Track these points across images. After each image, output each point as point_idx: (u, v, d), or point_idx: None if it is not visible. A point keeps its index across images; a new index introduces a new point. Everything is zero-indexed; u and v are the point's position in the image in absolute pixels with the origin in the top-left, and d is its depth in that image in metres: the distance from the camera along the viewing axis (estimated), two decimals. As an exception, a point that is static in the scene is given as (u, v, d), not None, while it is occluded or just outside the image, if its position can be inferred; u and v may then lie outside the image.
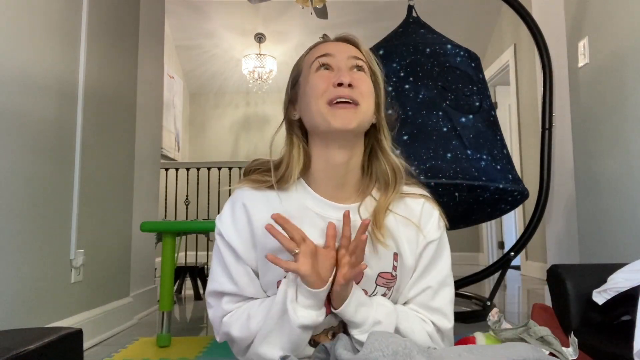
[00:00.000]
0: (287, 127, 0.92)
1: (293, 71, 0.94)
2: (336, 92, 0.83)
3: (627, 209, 1.98)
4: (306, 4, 3.79)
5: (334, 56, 0.87)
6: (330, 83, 0.84)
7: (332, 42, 0.92)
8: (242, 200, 0.88)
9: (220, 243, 0.89)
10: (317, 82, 0.86)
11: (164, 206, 4.48)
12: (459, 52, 2.33)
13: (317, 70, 0.87)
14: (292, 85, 0.93)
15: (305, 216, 0.86)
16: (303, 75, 0.90)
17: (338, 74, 0.85)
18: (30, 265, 1.61)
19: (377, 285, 0.87)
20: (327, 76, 0.85)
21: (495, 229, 5.07)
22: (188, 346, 1.93)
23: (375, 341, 0.71)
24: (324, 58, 0.88)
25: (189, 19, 5.08)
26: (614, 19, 2.06)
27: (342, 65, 0.87)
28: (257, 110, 6.25)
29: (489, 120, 2.29)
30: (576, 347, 0.89)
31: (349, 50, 0.89)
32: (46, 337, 0.84)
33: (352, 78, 0.84)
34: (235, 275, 0.87)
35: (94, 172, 2.02)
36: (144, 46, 2.66)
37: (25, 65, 1.60)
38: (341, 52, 0.88)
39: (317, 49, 0.91)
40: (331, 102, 0.83)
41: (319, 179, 0.88)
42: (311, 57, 0.90)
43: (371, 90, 0.88)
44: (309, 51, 0.93)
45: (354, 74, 0.86)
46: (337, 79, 0.83)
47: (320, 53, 0.89)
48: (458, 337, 0.99)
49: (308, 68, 0.89)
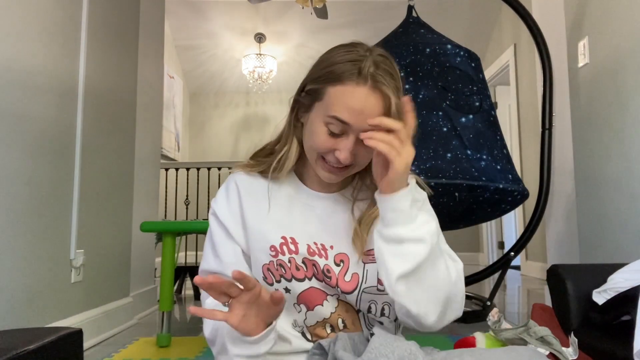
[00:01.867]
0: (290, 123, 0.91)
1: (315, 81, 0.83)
2: (332, 160, 0.82)
3: (627, 209, 1.98)
4: (306, 4, 3.79)
5: (350, 127, 0.79)
6: (332, 149, 0.81)
7: (366, 92, 0.78)
8: (235, 182, 0.92)
9: (212, 222, 0.91)
10: (321, 141, 0.81)
11: (164, 206, 4.48)
12: (459, 52, 2.33)
13: (327, 126, 0.81)
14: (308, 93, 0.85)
15: (293, 204, 0.90)
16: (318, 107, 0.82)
17: (342, 147, 0.80)
18: (30, 265, 1.61)
19: (364, 263, 0.87)
20: (332, 142, 0.81)
21: (495, 229, 5.07)
22: (188, 346, 1.93)
23: (380, 345, 0.70)
24: (338, 124, 0.79)
25: (189, 19, 5.08)
26: (614, 19, 2.06)
27: (351, 137, 0.79)
28: (257, 110, 6.25)
29: (489, 120, 2.29)
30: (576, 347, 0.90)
31: (371, 116, 0.78)
32: (46, 337, 0.84)
33: (353, 154, 0.81)
34: (221, 253, 0.88)
35: (94, 172, 2.02)
36: (144, 46, 2.66)
37: (26, 66, 1.60)
38: (361, 122, 0.78)
39: (343, 99, 0.78)
40: (325, 159, 0.83)
41: (309, 172, 0.92)
42: (333, 104, 0.79)
43: (370, 155, 0.83)
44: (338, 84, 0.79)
45: (359, 148, 0.80)
46: (338, 154, 0.80)
47: (339, 116, 0.78)
48: (458, 337, 1.00)
49: (324, 112, 0.80)
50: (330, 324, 0.88)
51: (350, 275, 0.86)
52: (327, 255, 0.87)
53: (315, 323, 0.88)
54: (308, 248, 0.86)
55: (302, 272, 0.86)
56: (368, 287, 0.87)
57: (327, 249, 0.87)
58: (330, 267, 0.86)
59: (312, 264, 0.86)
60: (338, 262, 0.87)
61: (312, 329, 0.88)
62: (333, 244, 0.88)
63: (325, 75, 0.81)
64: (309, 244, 0.87)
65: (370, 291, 0.87)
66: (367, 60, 0.79)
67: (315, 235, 0.88)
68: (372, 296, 0.87)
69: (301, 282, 0.86)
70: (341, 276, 0.86)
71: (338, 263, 0.87)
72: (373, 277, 0.86)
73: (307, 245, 0.87)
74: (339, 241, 0.88)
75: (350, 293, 0.86)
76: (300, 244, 0.87)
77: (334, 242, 0.88)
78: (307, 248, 0.86)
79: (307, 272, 0.86)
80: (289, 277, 0.86)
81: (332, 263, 0.87)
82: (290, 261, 0.86)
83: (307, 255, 0.86)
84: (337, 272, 0.86)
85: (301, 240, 0.87)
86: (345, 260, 0.87)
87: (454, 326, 2.15)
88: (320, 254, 0.87)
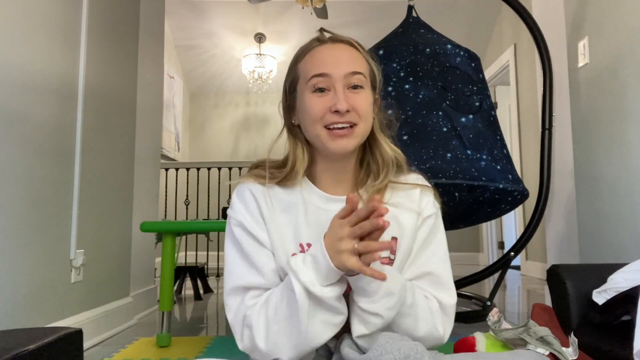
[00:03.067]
0: (288, 130, 0.92)
1: (289, 75, 0.91)
2: (333, 118, 0.82)
3: (627, 209, 1.98)
4: (306, 4, 3.79)
5: (331, 76, 0.83)
6: (327, 108, 0.83)
7: (328, 46, 0.87)
8: (249, 190, 0.89)
9: (237, 233, 0.86)
10: (314, 106, 0.84)
11: (164, 206, 4.48)
12: (459, 52, 2.33)
13: (313, 92, 0.84)
14: (289, 91, 0.90)
15: (307, 209, 0.88)
16: (300, 85, 0.87)
17: (335, 98, 0.82)
18: (31, 265, 1.61)
19: None
20: (324, 100, 0.83)
21: (495, 229, 5.07)
22: (188, 346, 1.93)
23: (386, 343, 0.70)
24: (319, 80, 0.83)
25: (189, 19, 5.08)
26: (614, 19, 2.06)
27: (338, 86, 0.83)
28: (257, 110, 6.25)
29: (489, 120, 2.29)
30: (576, 347, 0.89)
31: (346, 63, 0.84)
32: (46, 337, 0.84)
33: (349, 102, 0.82)
34: (259, 263, 0.83)
35: (94, 172, 2.02)
36: (144, 46, 2.66)
37: (26, 66, 1.60)
38: (338, 69, 0.83)
39: (313, 61, 0.86)
40: (328, 126, 0.83)
41: (321, 176, 0.91)
42: (307, 70, 0.86)
43: (369, 105, 0.86)
44: (304, 56, 0.88)
45: (352, 95, 0.83)
46: (334, 106, 0.82)
47: (316, 71, 0.84)
48: (458, 337, 1.00)
49: (304, 82, 0.86)
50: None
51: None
52: None
53: None
54: None
55: None
56: None
57: None
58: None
59: None
60: None
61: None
62: None
63: (293, 62, 0.90)
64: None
65: None
66: (322, 34, 0.89)
67: None
68: None
69: None
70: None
71: None
72: None
73: None
74: None
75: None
76: None
77: None
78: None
79: None
80: None
81: None
82: None
83: None
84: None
85: None
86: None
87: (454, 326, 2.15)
88: None
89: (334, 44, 0.87)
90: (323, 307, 0.76)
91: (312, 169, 0.92)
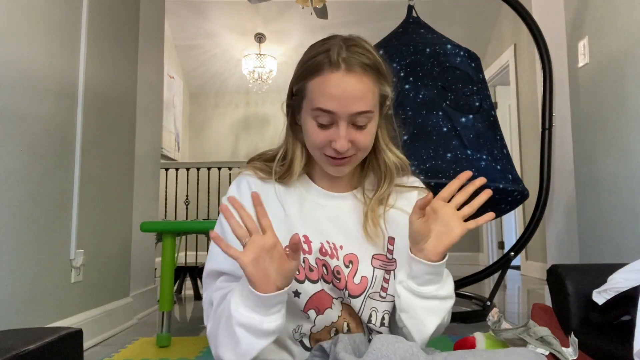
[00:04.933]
0: (290, 127, 0.92)
1: (296, 80, 0.85)
2: (332, 152, 0.82)
3: (627, 209, 1.98)
4: (306, 4, 3.79)
5: (335, 114, 0.79)
6: (327, 141, 0.82)
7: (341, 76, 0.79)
8: (247, 181, 0.90)
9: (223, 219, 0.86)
10: (314, 135, 0.82)
11: (164, 206, 4.48)
12: (459, 52, 2.33)
13: (316, 119, 0.82)
14: (295, 93, 0.87)
15: (304, 203, 0.89)
16: (305, 103, 0.84)
17: (336, 135, 0.80)
18: (30, 265, 1.61)
19: (373, 267, 0.87)
20: (325, 134, 0.81)
21: (495, 229, 5.07)
22: (188, 346, 1.93)
23: (381, 346, 0.70)
24: (323, 115, 0.80)
25: (189, 19, 5.08)
26: (614, 19, 2.06)
27: (342, 124, 0.80)
28: (257, 110, 6.25)
29: (489, 120, 2.29)
30: (576, 347, 0.89)
31: (354, 102, 0.79)
32: (46, 337, 0.84)
33: (350, 138, 0.81)
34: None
35: (94, 172, 2.02)
36: (144, 46, 2.66)
37: (25, 66, 1.60)
38: (344, 108, 0.79)
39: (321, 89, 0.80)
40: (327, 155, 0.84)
41: (320, 174, 0.92)
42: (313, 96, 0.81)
43: (372, 136, 0.85)
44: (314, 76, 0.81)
45: (354, 132, 0.81)
46: (334, 144, 0.80)
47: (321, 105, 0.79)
48: (458, 337, 1.00)
49: (309, 107, 0.82)
50: (336, 328, 0.87)
51: (360, 277, 0.86)
52: (337, 256, 0.86)
53: (322, 328, 0.86)
54: (321, 247, 0.86)
55: (316, 272, 0.85)
56: (373, 293, 0.87)
57: (338, 249, 0.87)
58: (340, 269, 0.86)
59: (322, 264, 0.85)
60: (347, 263, 0.86)
61: (316, 335, 0.87)
62: (343, 244, 0.87)
63: (304, 72, 0.84)
64: (322, 242, 0.86)
65: (374, 297, 0.87)
66: (336, 47, 0.81)
67: (326, 233, 0.87)
68: (375, 302, 0.86)
69: (314, 284, 0.85)
70: (350, 278, 0.86)
71: (347, 264, 0.86)
72: (379, 283, 0.87)
73: (320, 243, 0.86)
74: (348, 241, 0.87)
75: (357, 297, 0.86)
76: (313, 242, 0.86)
77: (343, 242, 0.87)
78: (320, 247, 0.86)
79: (318, 273, 0.85)
80: (302, 279, 0.84)
81: (342, 264, 0.86)
82: (304, 261, 0.85)
83: (319, 255, 0.85)
84: (346, 273, 0.86)
85: (314, 239, 0.86)
86: (355, 261, 0.86)
87: (453, 326, 2.15)
88: (332, 254, 0.86)
89: (347, 74, 0.79)
90: (229, 327, 0.73)
91: (311, 168, 0.93)
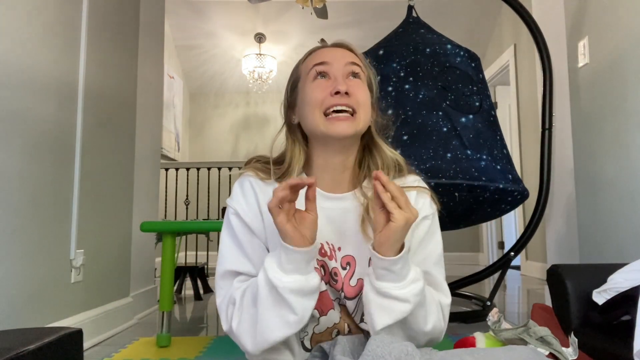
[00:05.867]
0: (287, 129, 0.95)
1: (291, 76, 0.96)
2: (333, 100, 0.85)
3: (627, 209, 1.98)
4: (306, 4, 3.79)
5: (331, 64, 0.89)
6: (327, 92, 0.86)
7: (329, 47, 0.94)
8: (249, 182, 0.91)
9: (233, 221, 0.88)
10: (315, 91, 0.87)
11: (164, 206, 4.48)
12: (459, 52, 2.33)
13: (315, 79, 0.89)
14: (291, 91, 0.95)
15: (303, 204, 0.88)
16: (301, 82, 0.92)
17: (335, 82, 0.86)
18: (30, 265, 1.61)
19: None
20: (324, 85, 0.87)
21: (495, 229, 5.07)
22: (188, 346, 1.93)
23: (377, 347, 0.70)
24: (320, 66, 0.89)
25: (189, 19, 5.08)
26: (614, 19, 2.06)
27: (338, 73, 0.88)
28: (257, 110, 6.25)
29: (489, 120, 2.29)
30: (576, 347, 0.89)
31: (345, 56, 0.91)
32: (46, 337, 0.84)
33: (348, 86, 0.86)
34: (250, 252, 0.85)
35: (94, 172, 2.02)
36: (144, 46, 2.66)
37: (25, 66, 1.60)
38: (338, 59, 0.90)
39: (314, 56, 0.92)
40: (328, 111, 0.85)
41: (319, 175, 0.92)
42: (308, 64, 0.91)
43: (367, 97, 0.90)
44: (306, 57, 0.94)
45: (351, 82, 0.88)
46: (334, 88, 0.85)
47: (317, 61, 0.90)
48: (458, 337, 0.99)
49: (306, 75, 0.91)
50: (338, 330, 0.87)
51: (356, 280, 0.86)
52: (335, 257, 0.86)
53: (325, 329, 0.87)
54: (321, 247, 0.86)
55: (318, 272, 0.84)
56: None
57: (336, 250, 0.87)
58: (337, 270, 0.86)
59: (321, 265, 0.86)
60: (344, 265, 0.86)
61: (318, 336, 0.87)
62: (341, 246, 0.87)
63: (295, 67, 0.96)
64: (322, 242, 0.86)
65: None
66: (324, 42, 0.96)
67: (326, 234, 0.87)
68: None
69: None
70: (347, 280, 0.86)
71: (344, 266, 0.86)
72: None
73: (320, 244, 0.86)
74: (346, 243, 0.87)
75: (352, 299, 0.86)
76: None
77: (341, 243, 0.87)
78: (320, 247, 0.86)
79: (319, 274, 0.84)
80: None
81: (339, 265, 0.86)
82: None
83: (319, 256, 0.85)
84: (343, 275, 0.86)
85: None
86: (352, 263, 0.86)
87: (453, 326, 2.15)
88: (330, 255, 0.86)
89: (335, 46, 0.94)
90: (278, 300, 0.75)
91: (310, 168, 0.93)
